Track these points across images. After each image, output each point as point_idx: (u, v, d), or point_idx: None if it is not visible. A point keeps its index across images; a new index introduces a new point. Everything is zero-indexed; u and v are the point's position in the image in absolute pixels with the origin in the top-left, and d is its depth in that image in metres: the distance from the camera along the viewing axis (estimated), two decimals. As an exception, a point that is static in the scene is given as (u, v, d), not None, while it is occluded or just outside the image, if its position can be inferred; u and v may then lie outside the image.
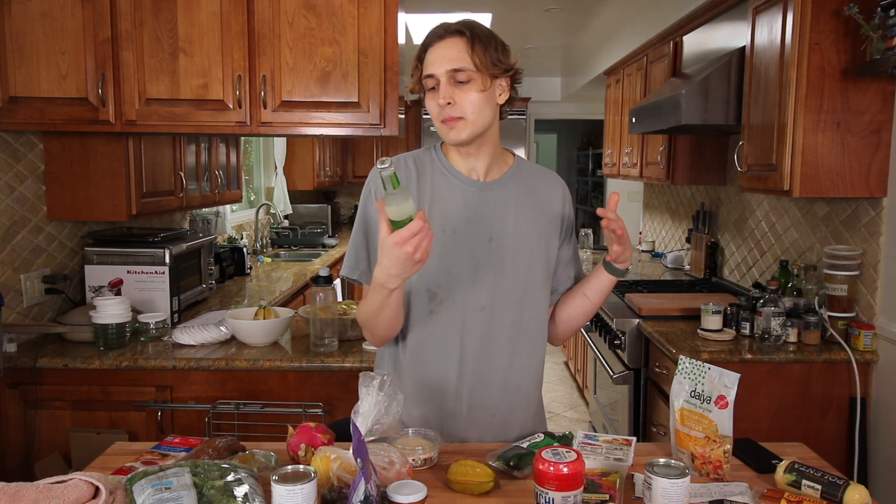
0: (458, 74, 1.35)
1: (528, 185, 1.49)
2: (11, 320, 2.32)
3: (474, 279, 1.42)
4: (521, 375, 1.48)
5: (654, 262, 4.56)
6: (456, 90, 1.36)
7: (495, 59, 1.37)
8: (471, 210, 1.43)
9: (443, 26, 1.39)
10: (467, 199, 1.43)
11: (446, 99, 1.35)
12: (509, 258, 1.43)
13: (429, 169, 1.46)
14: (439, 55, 1.37)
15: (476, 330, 1.42)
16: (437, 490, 1.24)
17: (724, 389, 1.30)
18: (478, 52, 1.35)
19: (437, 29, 1.40)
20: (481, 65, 1.35)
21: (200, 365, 2.15)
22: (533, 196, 1.49)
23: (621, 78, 4.61)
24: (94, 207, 2.50)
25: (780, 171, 2.29)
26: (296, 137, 5.25)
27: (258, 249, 4.92)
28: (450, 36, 1.37)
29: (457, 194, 1.44)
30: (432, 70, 1.37)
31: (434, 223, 1.39)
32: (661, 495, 1.11)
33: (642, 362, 2.82)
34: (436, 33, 1.39)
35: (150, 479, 1.07)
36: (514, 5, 4.47)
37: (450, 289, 1.42)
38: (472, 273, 1.42)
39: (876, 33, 2.00)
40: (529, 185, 1.49)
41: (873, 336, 2.28)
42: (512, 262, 1.44)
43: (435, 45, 1.38)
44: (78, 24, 2.20)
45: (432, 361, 1.44)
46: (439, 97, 1.36)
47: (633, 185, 5.67)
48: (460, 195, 1.44)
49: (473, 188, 1.44)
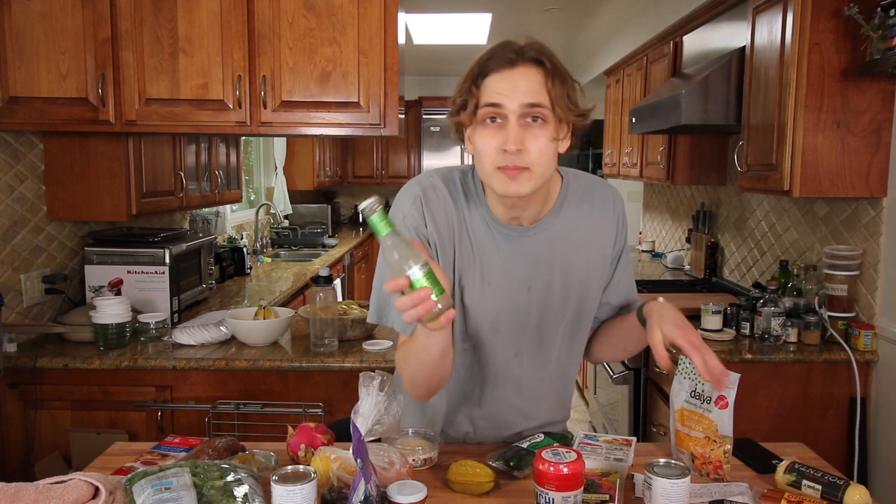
0: (535, 111, 1.12)
1: (577, 217, 1.30)
2: (11, 320, 2.32)
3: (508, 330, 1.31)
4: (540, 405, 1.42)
5: (654, 262, 4.56)
6: (526, 133, 1.13)
7: (573, 100, 1.15)
8: (507, 260, 1.26)
9: (512, 48, 1.14)
10: (504, 248, 1.26)
11: (517, 144, 1.11)
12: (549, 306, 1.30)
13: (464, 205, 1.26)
14: (511, 85, 1.12)
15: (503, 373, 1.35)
16: (437, 490, 1.24)
17: (724, 389, 1.30)
18: (556, 89, 1.13)
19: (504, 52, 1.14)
20: (557, 106, 1.13)
21: (200, 365, 2.15)
22: (581, 228, 1.30)
23: (621, 78, 4.61)
24: (94, 207, 2.50)
25: (780, 171, 2.29)
26: (296, 137, 5.26)
27: (258, 249, 4.92)
28: (524, 64, 1.13)
29: (493, 243, 1.26)
30: (502, 101, 1.12)
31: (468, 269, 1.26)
32: (661, 495, 1.11)
33: (642, 362, 2.82)
34: (505, 57, 1.13)
35: (149, 479, 1.07)
36: (514, 5, 4.47)
37: (479, 340, 1.31)
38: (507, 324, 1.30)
39: (876, 33, 2.00)
40: (578, 217, 1.30)
41: (873, 336, 2.28)
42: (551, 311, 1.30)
43: (503, 72, 1.13)
44: (78, 24, 2.20)
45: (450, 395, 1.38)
46: (508, 140, 1.12)
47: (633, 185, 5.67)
48: (497, 244, 1.26)
49: (513, 235, 1.26)
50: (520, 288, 1.28)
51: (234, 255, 3.80)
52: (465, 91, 1.16)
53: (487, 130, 1.15)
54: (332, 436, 1.33)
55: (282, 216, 5.52)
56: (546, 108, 1.13)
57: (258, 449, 1.34)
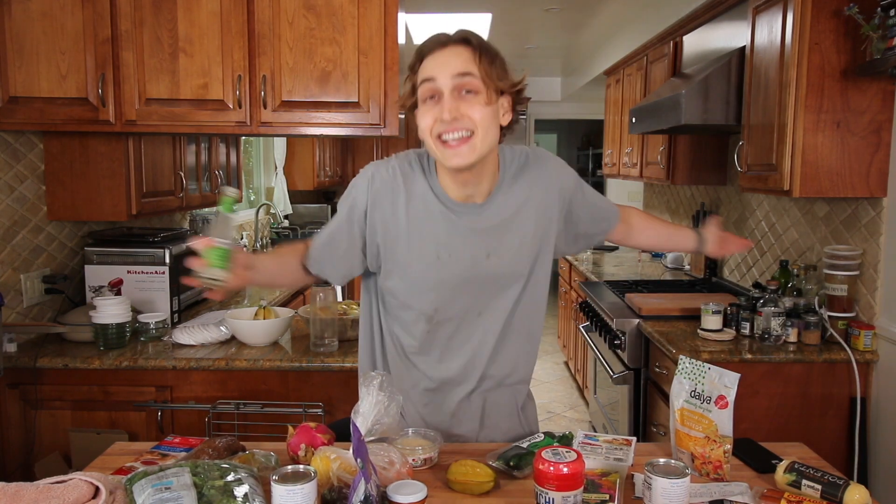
0: (465, 82, 1.23)
1: (518, 185, 1.41)
2: (11, 320, 2.32)
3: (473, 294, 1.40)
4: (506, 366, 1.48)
5: (654, 262, 4.56)
6: (461, 103, 1.23)
7: (501, 72, 1.27)
8: (466, 235, 1.37)
9: (442, 35, 1.27)
10: (462, 225, 1.37)
11: (452, 113, 1.22)
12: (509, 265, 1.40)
13: (420, 189, 1.37)
14: (442, 61, 1.24)
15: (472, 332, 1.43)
16: (437, 490, 1.24)
17: (724, 389, 1.30)
18: (484, 63, 1.24)
19: (437, 37, 1.27)
20: (487, 77, 1.24)
21: (200, 365, 2.15)
22: (526, 193, 1.41)
23: (621, 78, 4.61)
24: (94, 207, 2.50)
25: (780, 171, 2.29)
26: (296, 137, 5.26)
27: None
28: (454, 44, 1.26)
29: (451, 222, 1.36)
30: (434, 74, 1.24)
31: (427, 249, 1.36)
32: (661, 495, 1.11)
33: (642, 362, 2.82)
34: (437, 40, 1.27)
35: (150, 479, 1.07)
36: (514, 5, 4.47)
37: (446, 310, 1.40)
38: (470, 289, 1.39)
39: (876, 33, 2.00)
40: (519, 184, 1.41)
41: (873, 336, 2.28)
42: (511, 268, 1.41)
43: (436, 52, 1.26)
44: (78, 24, 2.20)
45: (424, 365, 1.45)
46: (444, 110, 1.23)
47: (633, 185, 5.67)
48: (455, 222, 1.36)
49: (469, 214, 1.37)
50: (479, 257, 1.37)
51: (234, 255, 3.80)
52: (407, 78, 1.30)
53: (426, 107, 1.27)
54: (332, 436, 1.33)
55: (282, 216, 5.52)
56: (476, 76, 1.23)
57: (258, 449, 1.35)
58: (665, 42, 3.69)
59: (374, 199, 1.36)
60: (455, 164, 1.27)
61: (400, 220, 1.36)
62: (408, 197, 1.36)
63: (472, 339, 1.43)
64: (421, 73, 1.27)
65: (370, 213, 1.37)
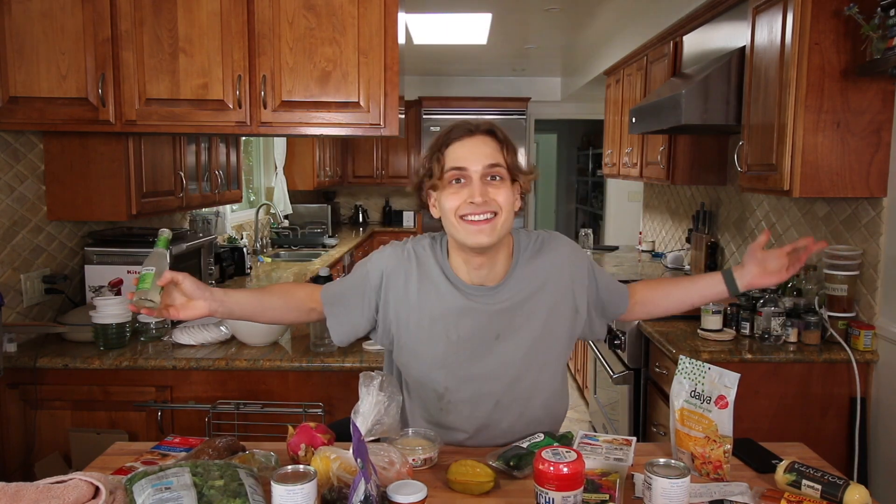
0: (494, 170, 1.34)
1: (532, 269, 1.45)
2: (11, 320, 2.32)
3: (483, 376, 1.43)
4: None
5: (654, 263, 4.56)
6: (489, 188, 1.33)
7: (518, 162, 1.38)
8: (476, 316, 1.41)
9: (467, 124, 1.37)
10: (472, 307, 1.41)
11: (483, 196, 1.31)
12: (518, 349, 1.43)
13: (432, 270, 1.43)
14: (472, 150, 1.34)
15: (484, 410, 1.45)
16: (437, 490, 1.24)
17: (724, 389, 1.30)
18: (509, 155, 1.36)
19: (464, 125, 1.37)
20: (511, 167, 1.36)
21: (200, 365, 2.15)
22: (538, 277, 1.45)
23: (621, 78, 4.61)
24: (94, 207, 2.50)
25: (780, 171, 2.29)
26: (296, 137, 5.26)
27: (258, 249, 4.92)
28: (481, 134, 1.36)
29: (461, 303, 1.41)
30: (465, 164, 1.33)
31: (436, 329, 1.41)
32: (661, 495, 1.11)
33: (642, 362, 2.82)
34: (464, 128, 1.37)
35: (150, 479, 1.07)
36: (514, 5, 4.46)
37: (457, 390, 1.43)
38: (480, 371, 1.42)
39: (876, 33, 2.00)
40: (533, 268, 1.45)
41: (873, 336, 2.28)
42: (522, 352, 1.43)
43: (463, 140, 1.35)
44: (78, 24, 2.20)
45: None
46: (475, 193, 1.32)
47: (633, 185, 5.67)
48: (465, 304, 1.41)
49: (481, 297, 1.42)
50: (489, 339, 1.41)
51: (234, 255, 3.80)
52: (431, 159, 1.37)
53: (452, 189, 1.35)
54: (332, 436, 1.33)
55: (282, 216, 5.52)
56: (503, 167, 1.35)
57: (258, 449, 1.35)
58: (665, 42, 3.69)
59: (388, 278, 1.44)
60: (477, 242, 1.34)
61: (411, 300, 1.41)
62: (419, 277, 1.42)
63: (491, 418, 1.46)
64: (449, 160, 1.35)
65: (384, 289, 1.44)
